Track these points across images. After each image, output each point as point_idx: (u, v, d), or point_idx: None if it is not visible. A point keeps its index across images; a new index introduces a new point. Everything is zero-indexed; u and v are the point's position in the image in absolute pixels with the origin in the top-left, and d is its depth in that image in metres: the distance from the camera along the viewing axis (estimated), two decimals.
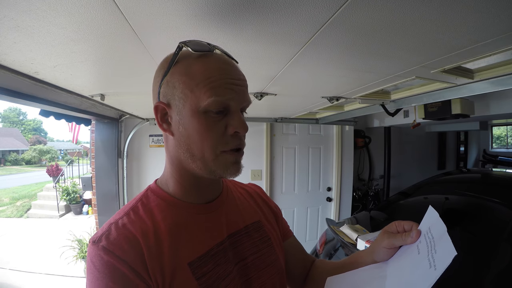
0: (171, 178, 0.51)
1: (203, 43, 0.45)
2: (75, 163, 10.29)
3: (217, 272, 0.47)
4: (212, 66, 0.44)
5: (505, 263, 1.07)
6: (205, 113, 0.43)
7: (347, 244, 1.44)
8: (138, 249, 0.42)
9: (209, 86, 0.42)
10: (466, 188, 1.68)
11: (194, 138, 0.44)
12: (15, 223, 6.26)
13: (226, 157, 0.45)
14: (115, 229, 0.44)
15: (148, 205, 0.49)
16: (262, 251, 0.55)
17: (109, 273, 0.40)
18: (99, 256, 0.41)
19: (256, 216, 0.60)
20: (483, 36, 0.72)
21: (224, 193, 0.57)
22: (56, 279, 3.26)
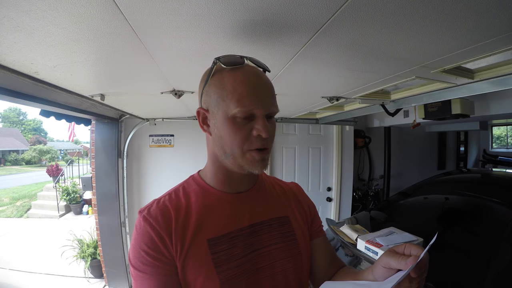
0: (209, 170, 0.61)
1: (234, 57, 0.53)
2: (75, 163, 10.30)
3: (231, 253, 0.55)
4: (240, 79, 0.52)
5: (505, 263, 1.07)
6: (234, 118, 0.52)
7: (347, 244, 1.44)
8: (168, 220, 0.54)
9: (236, 97, 0.50)
10: (466, 188, 1.68)
11: (225, 138, 0.53)
12: (15, 223, 6.26)
13: (252, 154, 0.53)
14: (156, 204, 0.57)
15: (187, 189, 0.61)
16: (282, 244, 0.60)
17: (142, 234, 0.53)
18: (140, 222, 0.55)
19: (284, 211, 0.65)
20: (483, 36, 0.72)
21: (256, 187, 0.64)
22: (56, 279, 3.26)
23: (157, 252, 0.52)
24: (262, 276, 0.56)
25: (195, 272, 0.52)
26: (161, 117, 2.72)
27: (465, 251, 1.23)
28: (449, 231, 1.39)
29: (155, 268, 0.52)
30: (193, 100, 1.76)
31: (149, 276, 0.51)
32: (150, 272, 0.52)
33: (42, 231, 5.42)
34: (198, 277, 0.52)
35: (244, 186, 0.62)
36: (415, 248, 0.46)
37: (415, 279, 0.43)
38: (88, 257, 3.05)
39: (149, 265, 0.52)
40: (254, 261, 0.56)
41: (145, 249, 0.52)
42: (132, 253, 0.54)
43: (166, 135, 2.96)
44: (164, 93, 1.46)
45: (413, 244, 0.47)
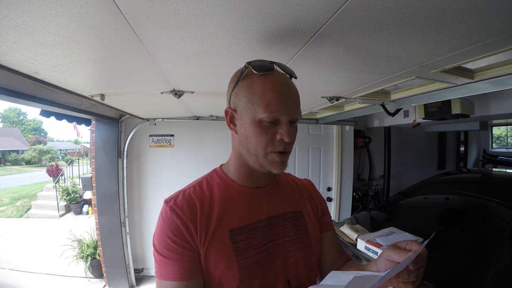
0: (232, 165, 0.65)
1: (265, 63, 0.57)
2: (75, 163, 10.30)
3: (249, 242, 0.59)
4: (269, 86, 0.55)
5: (505, 263, 1.07)
6: (260, 122, 0.55)
7: (347, 244, 1.44)
8: (194, 211, 0.58)
9: (264, 102, 0.54)
10: (466, 188, 1.68)
11: (251, 139, 0.57)
12: (15, 223, 6.26)
13: (274, 156, 0.57)
14: (182, 195, 0.61)
15: (210, 182, 0.65)
16: (295, 236, 0.65)
17: (169, 223, 0.57)
18: (166, 211, 0.58)
19: (298, 206, 0.70)
20: (483, 36, 0.72)
21: (274, 183, 0.68)
22: (56, 279, 3.26)
23: (183, 240, 0.56)
24: (276, 265, 0.61)
25: (216, 259, 0.56)
26: (161, 117, 2.72)
27: (465, 251, 1.23)
28: (449, 231, 1.39)
29: (180, 254, 0.55)
30: (193, 100, 1.76)
31: (173, 262, 0.55)
32: (175, 258, 0.55)
33: (42, 231, 5.42)
34: (219, 264, 0.56)
35: (263, 182, 0.66)
36: (416, 244, 0.51)
37: (413, 271, 0.49)
38: (88, 257, 3.05)
39: (174, 251, 0.55)
40: (269, 251, 0.61)
41: (171, 236, 0.56)
42: (157, 239, 0.58)
43: (166, 135, 2.96)
44: (164, 93, 1.46)
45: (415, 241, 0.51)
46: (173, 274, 0.55)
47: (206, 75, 1.16)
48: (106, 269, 2.84)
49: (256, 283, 0.58)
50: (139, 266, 3.05)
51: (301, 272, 0.64)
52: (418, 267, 0.49)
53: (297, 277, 0.63)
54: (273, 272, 0.61)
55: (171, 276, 0.55)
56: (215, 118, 2.74)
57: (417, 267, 0.48)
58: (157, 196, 2.98)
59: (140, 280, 3.01)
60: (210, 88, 1.43)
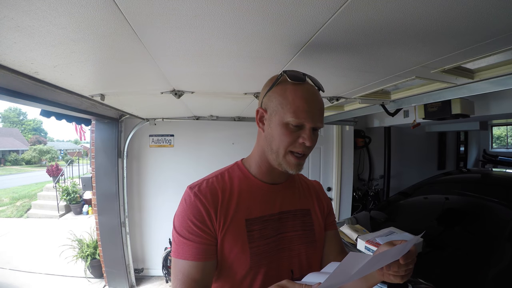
0: (253, 160, 0.71)
1: (298, 74, 0.63)
2: (75, 163, 10.29)
3: (262, 233, 0.65)
4: (300, 94, 0.61)
5: (505, 263, 1.07)
6: (287, 124, 0.61)
7: (347, 244, 1.44)
8: (216, 198, 0.64)
9: (294, 108, 0.60)
10: (466, 188, 1.68)
11: (276, 138, 0.63)
12: (15, 223, 6.26)
13: (291, 158, 0.63)
14: (206, 183, 0.67)
15: (231, 174, 0.71)
16: (302, 232, 0.71)
17: (192, 207, 0.62)
18: (190, 196, 0.64)
19: (307, 205, 0.76)
20: (483, 36, 0.72)
21: (288, 181, 0.74)
22: (56, 279, 3.26)
23: (203, 224, 0.61)
24: (282, 256, 0.67)
25: (231, 244, 0.62)
26: (161, 117, 2.72)
27: (465, 251, 1.23)
28: (449, 231, 1.39)
29: (199, 237, 0.61)
30: (193, 100, 1.76)
31: (191, 243, 0.60)
32: (194, 240, 0.60)
33: (42, 231, 5.42)
34: (233, 248, 0.62)
35: (280, 179, 0.72)
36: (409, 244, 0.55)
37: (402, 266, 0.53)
38: (88, 257, 3.05)
39: (194, 233, 0.61)
40: (278, 242, 0.67)
41: (192, 219, 0.61)
42: (178, 221, 0.63)
43: (166, 135, 2.96)
44: (164, 93, 1.46)
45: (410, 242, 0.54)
46: (190, 254, 0.60)
47: (206, 75, 1.16)
48: (106, 269, 2.84)
49: (263, 270, 0.64)
50: (139, 266, 3.05)
51: (303, 264, 0.69)
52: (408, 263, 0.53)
53: (299, 269, 0.68)
54: (279, 262, 0.67)
55: (188, 256, 0.60)
56: (215, 118, 2.74)
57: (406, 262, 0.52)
58: (157, 196, 2.98)
59: (140, 280, 3.01)
60: (210, 88, 1.43)
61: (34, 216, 6.80)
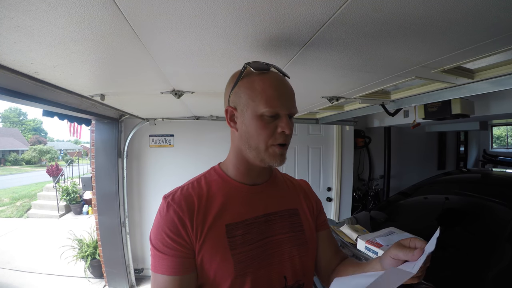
0: (230, 162, 0.67)
1: (261, 64, 0.60)
2: (75, 163, 10.29)
3: (246, 238, 0.61)
4: (269, 83, 0.59)
5: (505, 263, 1.07)
6: (261, 116, 0.58)
7: (347, 244, 1.44)
8: (191, 206, 0.60)
9: (265, 98, 0.58)
10: (466, 188, 1.68)
11: (252, 133, 0.60)
12: (15, 223, 6.26)
13: (274, 149, 0.60)
14: (180, 191, 0.63)
15: (208, 179, 0.67)
16: (292, 233, 0.67)
17: (165, 218, 0.59)
18: (164, 206, 0.60)
19: (294, 204, 0.72)
20: (483, 36, 0.72)
21: (270, 180, 0.71)
22: (56, 279, 3.26)
23: (178, 236, 0.58)
24: (272, 261, 0.62)
25: (212, 253, 0.58)
26: (161, 117, 2.72)
27: (465, 251, 1.22)
28: (449, 231, 1.39)
29: (174, 250, 0.57)
30: (193, 100, 1.76)
31: (167, 257, 0.57)
32: (169, 253, 0.57)
33: (42, 231, 5.42)
34: (214, 258, 0.58)
35: (261, 179, 0.68)
36: (419, 241, 0.54)
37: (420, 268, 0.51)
38: (88, 257, 3.05)
39: (169, 247, 0.57)
40: (265, 247, 0.62)
41: (167, 232, 0.58)
42: (154, 234, 0.60)
43: (166, 135, 2.96)
44: (164, 93, 1.46)
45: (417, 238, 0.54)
46: (167, 268, 0.57)
47: (206, 75, 1.16)
48: (106, 269, 2.84)
49: (250, 278, 0.59)
50: (139, 266, 3.05)
51: (297, 268, 0.65)
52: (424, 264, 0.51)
53: (293, 274, 0.64)
54: (269, 269, 0.62)
55: (165, 270, 0.57)
56: (215, 118, 2.74)
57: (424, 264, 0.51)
58: (157, 196, 2.98)
59: (140, 280, 3.01)
60: (210, 88, 1.43)
61: (34, 216, 6.80)
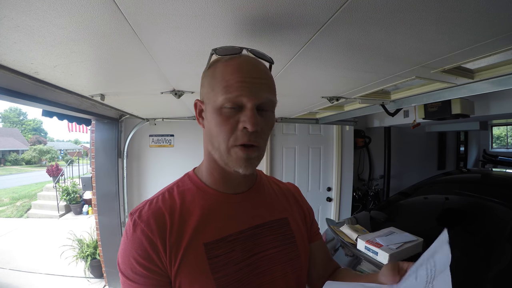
0: (204, 167, 0.57)
1: (228, 48, 0.51)
2: (75, 163, 10.29)
3: (230, 257, 0.51)
4: (231, 68, 0.48)
5: (505, 263, 1.07)
6: (221, 109, 0.48)
7: (347, 244, 1.44)
8: (162, 225, 0.50)
9: (224, 85, 0.47)
10: (466, 188, 1.68)
11: (213, 131, 0.50)
12: (15, 223, 6.26)
13: (237, 151, 0.48)
14: (149, 206, 0.53)
15: (182, 188, 0.56)
16: (282, 247, 0.57)
17: (133, 241, 0.49)
18: (130, 226, 0.50)
19: (284, 213, 0.62)
20: (483, 36, 0.72)
21: (255, 187, 0.60)
22: (56, 279, 3.26)
23: (149, 262, 0.48)
24: (262, 282, 0.53)
25: (190, 280, 0.48)
26: (161, 117, 2.72)
27: (465, 251, 1.22)
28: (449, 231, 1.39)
29: (146, 278, 0.48)
30: (193, 100, 1.76)
31: (138, 286, 0.48)
32: (140, 281, 0.48)
33: (42, 231, 5.42)
34: (193, 284, 0.48)
35: (242, 186, 0.58)
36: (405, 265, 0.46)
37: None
38: (88, 257, 3.05)
39: (140, 274, 0.48)
40: (254, 265, 0.53)
41: (136, 257, 0.48)
42: (121, 259, 0.50)
43: (166, 135, 2.96)
44: (164, 93, 1.46)
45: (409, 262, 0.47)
46: None
47: None
48: (106, 269, 2.84)
49: None
50: None
51: (292, 286, 0.57)
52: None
53: None
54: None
55: None
56: None
57: None
58: None
59: None
60: None
61: (34, 216, 6.80)
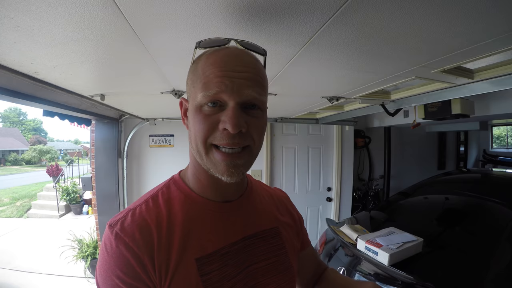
0: (190, 172, 0.52)
1: (213, 39, 0.45)
2: (75, 163, 10.29)
3: (223, 272, 0.46)
4: (212, 61, 0.43)
5: (505, 263, 1.07)
6: (201, 107, 0.43)
7: (347, 244, 1.44)
8: (149, 238, 0.44)
9: (203, 81, 0.42)
10: (466, 188, 1.68)
11: (193, 131, 0.45)
12: (15, 223, 6.26)
13: (216, 156, 0.43)
14: (131, 216, 0.46)
15: (167, 195, 0.50)
16: (275, 258, 0.54)
17: (115, 257, 0.42)
18: (111, 240, 0.43)
19: (274, 222, 0.58)
20: (483, 36, 0.72)
21: (246, 194, 0.56)
22: (56, 279, 3.26)
23: (136, 280, 0.41)
24: None
25: None
26: (161, 117, 2.72)
27: (465, 251, 1.22)
28: (449, 231, 1.39)
29: None
30: None
31: None
32: None
33: (42, 231, 5.42)
34: None
35: (233, 194, 0.53)
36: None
37: None
38: (88, 257, 3.05)
39: None
40: (247, 279, 0.49)
41: (120, 276, 0.41)
42: (102, 278, 0.42)
43: (166, 135, 2.96)
44: (164, 93, 1.46)
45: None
46: None
47: None
48: None
49: None
50: None
51: None
52: None
53: None
54: None
55: None
56: None
57: None
58: None
59: None
60: None
61: (34, 216, 6.80)
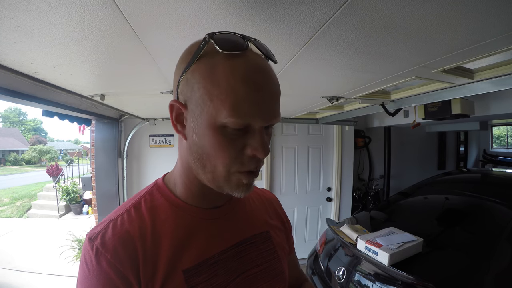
0: (179, 179, 0.48)
1: (235, 38, 0.38)
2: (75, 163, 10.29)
3: (213, 283, 0.44)
4: (241, 75, 0.36)
5: (505, 263, 1.07)
6: (223, 128, 0.38)
7: (347, 244, 1.44)
8: (133, 254, 0.40)
9: (232, 100, 0.36)
10: (466, 188, 1.68)
11: (208, 151, 0.40)
12: (15, 223, 6.26)
13: (240, 177, 0.41)
14: (112, 228, 0.42)
15: (151, 203, 0.46)
16: (267, 264, 0.52)
17: (97, 276, 0.39)
18: (91, 257, 0.40)
19: (265, 226, 0.56)
20: (483, 36, 0.72)
21: (234, 199, 0.53)
22: (56, 279, 3.26)
23: None
24: None
25: None
26: (161, 117, 2.73)
27: (465, 251, 1.23)
28: (449, 231, 1.39)
29: None
30: None
31: None
32: None
33: (42, 231, 5.41)
34: None
35: (221, 200, 0.50)
36: None
37: None
38: None
39: None
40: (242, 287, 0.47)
41: None
42: None
43: (166, 135, 2.96)
44: (164, 93, 1.46)
45: None
46: None
47: None
48: None
49: None
50: None
51: None
52: None
53: None
54: None
55: None
56: None
57: None
58: None
59: None
60: None
61: (34, 216, 6.79)
